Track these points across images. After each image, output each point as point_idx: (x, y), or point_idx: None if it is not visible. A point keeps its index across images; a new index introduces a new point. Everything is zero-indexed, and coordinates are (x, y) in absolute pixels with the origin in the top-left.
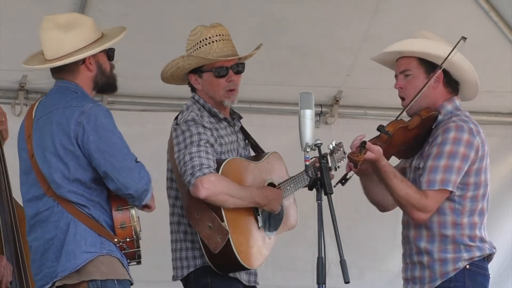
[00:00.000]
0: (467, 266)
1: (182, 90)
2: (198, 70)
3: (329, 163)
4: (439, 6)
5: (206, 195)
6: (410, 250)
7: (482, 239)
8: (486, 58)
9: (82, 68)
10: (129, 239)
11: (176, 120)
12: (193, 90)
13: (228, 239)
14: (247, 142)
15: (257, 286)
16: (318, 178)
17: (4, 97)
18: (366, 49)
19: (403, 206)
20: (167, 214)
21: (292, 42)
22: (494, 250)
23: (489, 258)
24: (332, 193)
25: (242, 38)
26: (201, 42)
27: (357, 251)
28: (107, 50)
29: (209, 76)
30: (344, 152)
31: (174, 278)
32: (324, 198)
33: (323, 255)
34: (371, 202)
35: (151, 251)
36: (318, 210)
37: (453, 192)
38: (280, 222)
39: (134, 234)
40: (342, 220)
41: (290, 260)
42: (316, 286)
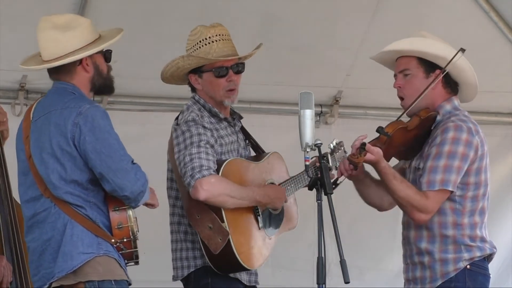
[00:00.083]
0: (468, 266)
1: (182, 90)
2: (198, 70)
3: (329, 163)
4: (439, 6)
5: (206, 197)
6: (411, 251)
7: (483, 239)
8: (486, 58)
9: (79, 69)
10: (126, 240)
11: (176, 120)
12: (193, 90)
13: (228, 240)
14: (248, 142)
15: (257, 286)
16: (318, 178)
17: (4, 97)
18: (366, 49)
19: (404, 207)
20: (167, 214)
21: (292, 42)
22: (495, 250)
23: (489, 258)
24: (332, 193)
25: (242, 38)
26: (201, 42)
27: (357, 251)
28: (104, 52)
29: (209, 76)
30: (345, 151)
31: (174, 278)
32: (324, 198)
33: (323, 255)
34: (368, 204)
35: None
36: (318, 210)
37: (453, 192)
38: (280, 222)
39: (131, 234)
40: (342, 220)
41: (290, 260)
42: (316, 286)
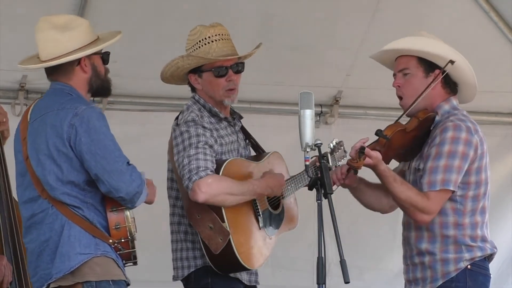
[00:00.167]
0: (469, 266)
1: (182, 90)
2: (197, 70)
3: (329, 162)
4: (439, 6)
5: (205, 199)
6: (411, 252)
7: (484, 239)
8: (486, 58)
9: (77, 69)
10: (124, 240)
11: (176, 120)
12: (193, 90)
13: (229, 240)
14: (248, 141)
15: (257, 286)
16: (318, 178)
17: (4, 97)
18: (366, 49)
19: (406, 209)
20: (168, 214)
21: (292, 42)
22: (495, 250)
23: (490, 258)
24: (332, 193)
25: (242, 38)
26: (200, 41)
27: (357, 251)
28: (102, 54)
29: (208, 75)
30: (344, 150)
31: (175, 278)
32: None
33: (323, 255)
34: (369, 209)
35: (152, 251)
36: (318, 210)
37: (454, 192)
38: (281, 222)
39: (129, 234)
40: (342, 220)
41: (290, 260)
42: (316, 286)
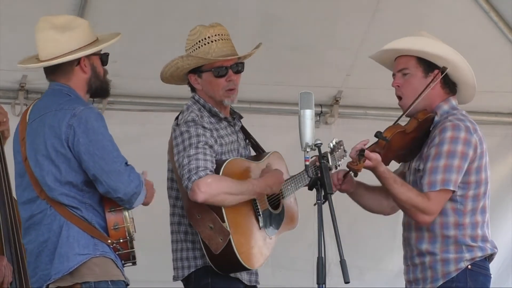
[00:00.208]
0: (469, 266)
1: (182, 90)
2: (197, 70)
3: (329, 162)
4: (439, 6)
5: (204, 199)
6: (411, 252)
7: (484, 239)
8: (486, 58)
9: (77, 69)
10: (122, 240)
11: (176, 120)
12: (193, 90)
13: (229, 240)
14: (248, 141)
15: (258, 286)
16: (318, 178)
17: (4, 97)
18: (366, 49)
19: (407, 210)
20: (168, 214)
21: (292, 42)
22: (496, 250)
23: (490, 258)
24: (332, 193)
25: (242, 38)
26: (200, 42)
27: (357, 251)
28: (101, 55)
29: (208, 76)
30: (344, 150)
31: (175, 279)
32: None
33: (323, 255)
34: (370, 212)
35: (152, 251)
36: (318, 210)
37: (455, 192)
38: (281, 222)
39: (127, 235)
40: (342, 220)
41: (290, 260)
42: (316, 286)
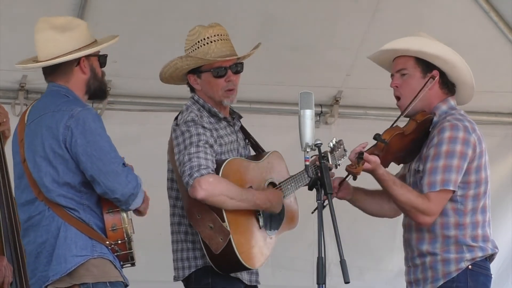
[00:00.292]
0: (470, 267)
1: (182, 90)
2: (196, 71)
3: (329, 161)
4: (439, 6)
5: (204, 196)
6: (412, 253)
7: (485, 238)
8: (486, 58)
9: (76, 70)
10: (120, 241)
11: (176, 120)
12: (192, 90)
13: (229, 240)
14: (247, 141)
15: (258, 286)
16: (318, 178)
17: (4, 97)
18: (366, 49)
19: (407, 212)
20: (168, 215)
21: (292, 42)
22: (496, 250)
23: (491, 258)
24: (332, 193)
25: (242, 38)
26: (199, 42)
27: (357, 251)
28: (99, 56)
29: (207, 76)
30: (344, 149)
31: (176, 279)
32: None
33: (323, 255)
34: (373, 216)
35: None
36: (318, 210)
37: (455, 192)
38: (281, 221)
39: (125, 236)
40: (342, 220)
41: (290, 260)
42: (316, 286)
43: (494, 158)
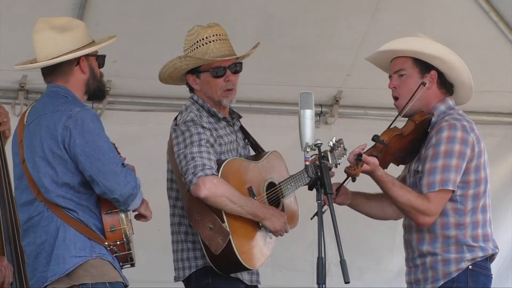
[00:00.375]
0: (470, 267)
1: (182, 90)
2: (195, 71)
3: (329, 160)
4: (439, 6)
5: (207, 196)
6: (412, 254)
7: (485, 238)
8: (486, 58)
9: (76, 70)
10: (119, 242)
11: (175, 121)
12: (191, 90)
13: (229, 240)
14: (247, 141)
15: (259, 286)
16: (318, 178)
17: (4, 97)
18: (366, 49)
19: (407, 213)
20: (168, 215)
21: (292, 42)
22: (497, 250)
23: (491, 258)
24: (332, 193)
25: (242, 38)
26: (198, 42)
27: (357, 251)
28: (98, 57)
29: (206, 76)
30: (344, 148)
31: (176, 279)
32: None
33: (323, 255)
34: (376, 219)
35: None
36: (318, 210)
37: (454, 191)
38: None
39: (124, 237)
40: (342, 220)
41: (290, 260)
42: (316, 286)
43: (494, 158)
